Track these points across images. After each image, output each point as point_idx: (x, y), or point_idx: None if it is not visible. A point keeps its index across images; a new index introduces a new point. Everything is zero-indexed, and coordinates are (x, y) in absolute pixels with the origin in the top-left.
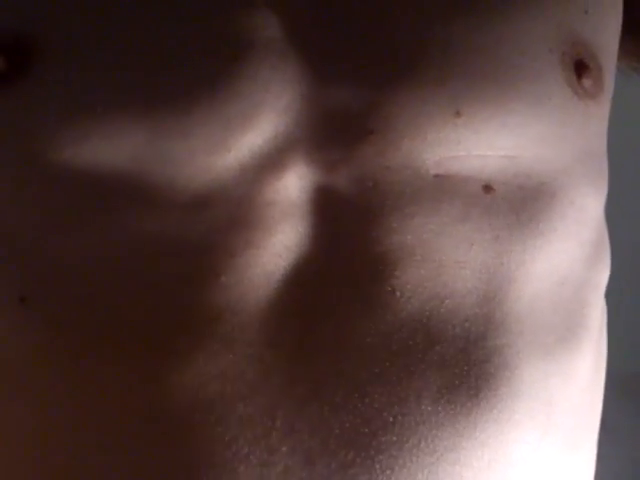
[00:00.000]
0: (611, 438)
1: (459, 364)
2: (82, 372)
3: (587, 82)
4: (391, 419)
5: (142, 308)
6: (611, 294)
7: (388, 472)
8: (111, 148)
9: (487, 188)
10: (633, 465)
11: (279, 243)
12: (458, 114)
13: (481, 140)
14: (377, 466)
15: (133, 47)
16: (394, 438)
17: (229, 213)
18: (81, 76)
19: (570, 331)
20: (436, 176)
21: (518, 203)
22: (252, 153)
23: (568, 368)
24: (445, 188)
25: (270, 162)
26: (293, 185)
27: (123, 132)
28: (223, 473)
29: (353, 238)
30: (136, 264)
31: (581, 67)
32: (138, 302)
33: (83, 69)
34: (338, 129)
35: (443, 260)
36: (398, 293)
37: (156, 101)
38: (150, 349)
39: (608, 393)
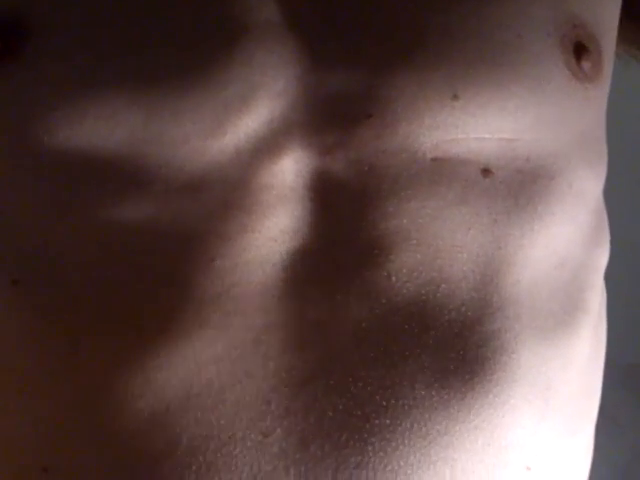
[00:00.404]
0: (612, 428)
1: (455, 348)
2: (73, 359)
3: (586, 65)
4: (384, 402)
5: (135, 293)
6: (614, 285)
7: (381, 454)
8: (105, 130)
9: (485, 171)
10: (634, 454)
11: (274, 227)
12: (456, 97)
13: (479, 123)
14: (370, 448)
15: (127, 30)
16: (387, 421)
17: (225, 197)
18: (75, 58)
19: (569, 315)
20: (434, 159)
21: (516, 186)
22: (248, 136)
23: (567, 352)
24: (443, 172)
25: (266, 146)
26: (289, 169)
27: (118, 114)
28: (219, 457)
29: (349, 222)
30: (129, 248)
31: (580, 49)
32: (131, 287)
33: (77, 51)
34: (335, 113)
35: (439, 244)
36: (394, 278)
37: (152, 84)
38: (143, 335)
39: (610, 383)
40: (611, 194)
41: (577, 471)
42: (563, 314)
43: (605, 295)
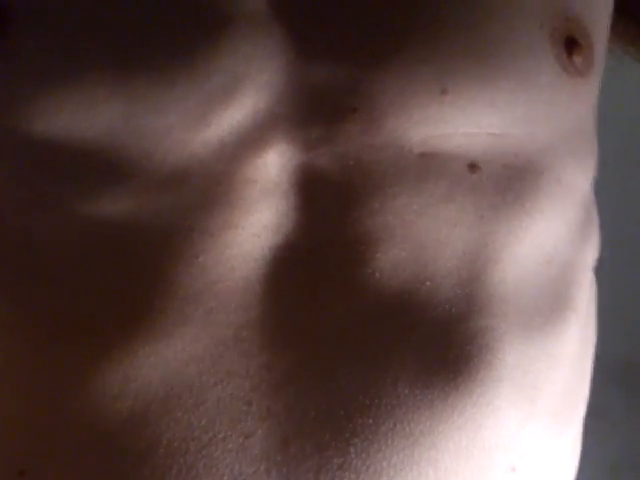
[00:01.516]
0: (603, 424)
1: (439, 346)
2: (49, 357)
3: (577, 59)
4: (367, 402)
5: (115, 290)
6: (605, 280)
7: (363, 455)
8: (85, 122)
9: (473, 167)
10: (624, 451)
11: (258, 223)
12: (444, 92)
13: (468, 118)
14: (352, 449)
15: (110, 20)
16: (370, 421)
17: (208, 191)
18: (54, 49)
19: (556, 313)
20: (421, 155)
21: (504, 182)
22: (232, 129)
23: (554, 352)
24: (430, 167)
25: (250, 139)
26: (273, 163)
27: (97, 105)
28: (199, 458)
29: (334, 218)
30: (110, 243)
31: (572, 43)
32: (111, 284)
33: (57, 42)
34: (320, 106)
35: (425, 241)
36: (378, 274)
37: (133, 75)
38: (123, 333)
39: (600, 379)
40: (601, 189)
41: (563, 471)
42: (550, 312)
43: (595, 291)
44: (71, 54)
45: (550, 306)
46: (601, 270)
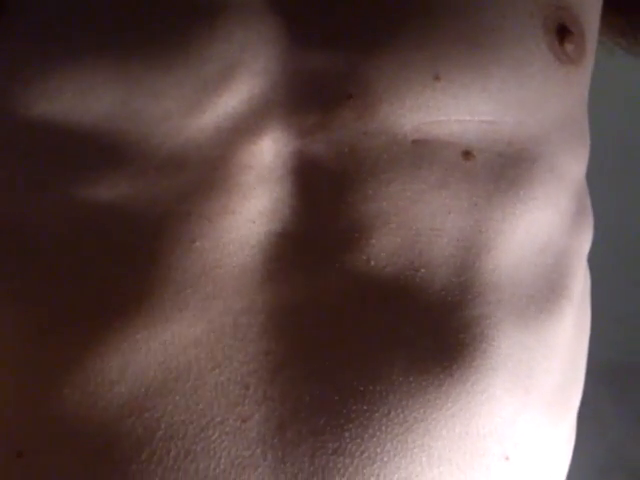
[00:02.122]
0: (593, 423)
1: (434, 334)
2: (46, 340)
3: (569, 47)
4: (362, 388)
5: (112, 275)
6: (595, 278)
7: (358, 440)
8: (83, 106)
9: (466, 154)
10: (613, 450)
11: (254, 208)
12: (437, 79)
13: (461, 105)
14: (347, 434)
15: (107, 6)
16: (364, 407)
17: (204, 176)
18: (52, 33)
19: (551, 302)
20: (414, 142)
21: (497, 170)
22: (227, 115)
23: (549, 341)
24: (423, 154)
25: (246, 125)
26: (269, 149)
27: (96, 90)
28: (197, 442)
29: (328, 204)
30: (107, 227)
31: (563, 31)
32: (108, 268)
33: (54, 26)
34: (315, 93)
35: (419, 228)
36: (373, 262)
37: (130, 61)
38: (121, 318)
39: (592, 382)
40: (595, 179)
41: (558, 461)
42: (545, 301)
43: (589, 280)
44: (68, 38)
45: (545, 295)
46: (589, 264)
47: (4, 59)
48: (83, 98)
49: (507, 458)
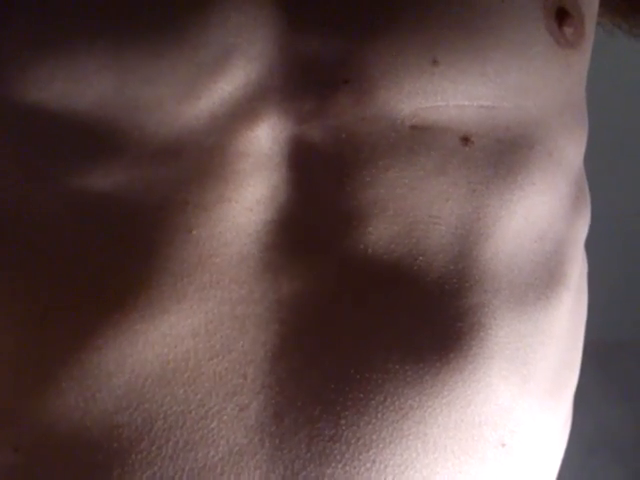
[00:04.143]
0: (581, 405)
1: (431, 322)
2: (41, 332)
3: (568, 30)
4: (358, 376)
5: (109, 266)
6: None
7: (354, 428)
8: (76, 93)
9: (465, 140)
10: (602, 431)
11: (251, 196)
12: (435, 63)
13: (459, 90)
14: (343, 422)
15: None
16: (360, 395)
17: (201, 164)
18: (45, 20)
19: (549, 289)
20: (412, 127)
21: (496, 156)
22: (223, 101)
23: (546, 328)
24: (422, 140)
25: (241, 111)
26: (265, 136)
27: (89, 77)
28: (196, 431)
29: (326, 192)
30: (102, 218)
31: (562, 14)
32: (105, 258)
33: (47, 13)
34: (312, 78)
35: (417, 216)
36: (370, 250)
37: (123, 47)
38: (118, 308)
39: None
40: (593, 165)
41: (554, 446)
42: (543, 288)
43: (586, 266)
44: (61, 25)
45: (543, 282)
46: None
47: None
48: (75, 85)
49: (503, 445)
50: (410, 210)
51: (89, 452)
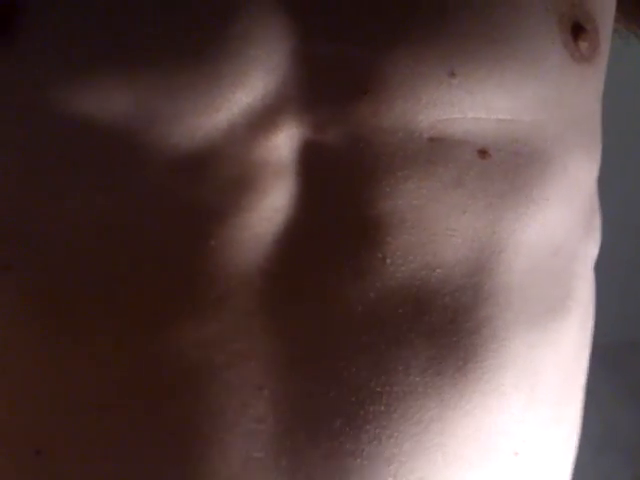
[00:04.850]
0: (589, 406)
1: (448, 335)
2: (61, 345)
3: (583, 45)
4: (379, 389)
5: (126, 276)
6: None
7: (375, 442)
8: (96, 108)
9: (482, 153)
10: (611, 433)
11: (269, 206)
12: (453, 74)
13: (476, 101)
14: (364, 436)
15: (118, 9)
16: (382, 408)
17: (219, 174)
18: (65, 35)
19: (559, 303)
20: (430, 139)
21: (512, 170)
22: (242, 112)
23: (555, 340)
24: (439, 152)
25: (260, 122)
26: (284, 145)
27: (109, 92)
28: (210, 444)
29: (344, 201)
30: (121, 229)
31: (577, 29)
32: (122, 270)
33: (67, 28)
34: (330, 88)
35: (434, 227)
36: (388, 260)
37: (143, 62)
38: (134, 318)
39: (589, 361)
40: (603, 181)
41: (563, 456)
42: (554, 302)
43: (594, 284)
44: (82, 41)
45: (554, 296)
46: None
47: (22, 63)
48: (96, 100)
49: (516, 453)
50: (428, 222)
51: (106, 459)
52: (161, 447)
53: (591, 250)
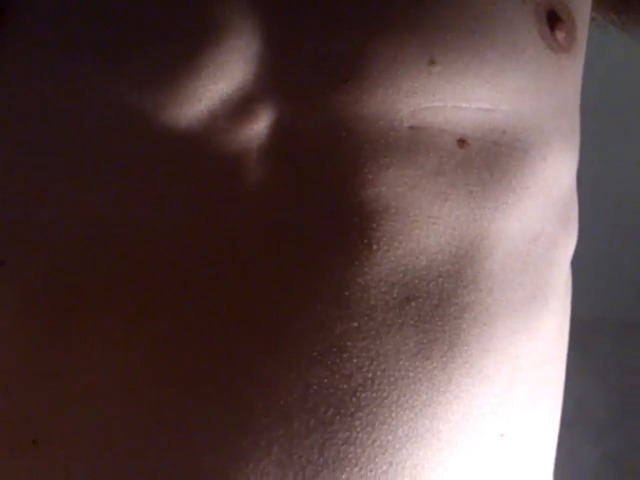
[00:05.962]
0: None
1: (434, 320)
2: (55, 339)
3: (560, 35)
4: (370, 375)
5: (120, 273)
6: None
7: (369, 429)
8: (82, 102)
9: (461, 142)
10: (577, 408)
11: (253, 194)
12: (433, 63)
13: (456, 90)
14: (357, 423)
15: (98, 2)
16: (374, 394)
17: (203, 166)
18: (47, 28)
19: (538, 289)
20: (411, 128)
21: (492, 159)
22: (223, 102)
23: (534, 325)
24: (420, 140)
25: (241, 111)
26: (264, 134)
27: (94, 85)
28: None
29: (328, 189)
30: (113, 225)
31: (554, 19)
32: (115, 266)
33: (51, 23)
34: (310, 77)
35: (417, 215)
36: (375, 246)
37: (123, 56)
38: (129, 313)
39: None
40: (588, 176)
41: (545, 436)
42: (534, 288)
43: (570, 273)
44: (63, 36)
45: (533, 282)
46: None
47: (7, 60)
48: (81, 98)
49: (502, 435)
50: (410, 209)
51: (100, 451)
52: (156, 437)
53: (570, 240)
